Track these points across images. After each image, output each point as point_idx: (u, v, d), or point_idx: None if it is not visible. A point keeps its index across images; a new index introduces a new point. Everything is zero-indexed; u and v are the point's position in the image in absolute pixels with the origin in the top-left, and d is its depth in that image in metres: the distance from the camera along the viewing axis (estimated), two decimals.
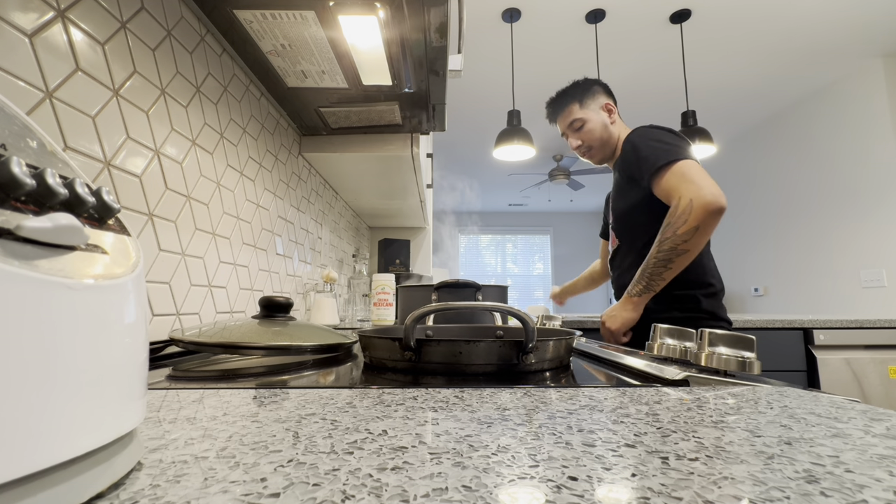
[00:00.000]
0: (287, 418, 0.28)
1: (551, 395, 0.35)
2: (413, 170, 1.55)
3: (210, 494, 0.16)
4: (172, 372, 0.48)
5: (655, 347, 0.51)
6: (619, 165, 1.20)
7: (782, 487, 0.17)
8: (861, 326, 1.61)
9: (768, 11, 2.38)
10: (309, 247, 1.48)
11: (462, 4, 0.92)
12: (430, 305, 0.48)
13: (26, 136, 0.18)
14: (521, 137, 2.42)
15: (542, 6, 2.35)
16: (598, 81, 1.29)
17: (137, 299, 0.19)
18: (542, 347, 0.48)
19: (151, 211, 0.69)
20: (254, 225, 1.04)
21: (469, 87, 3.17)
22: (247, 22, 0.82)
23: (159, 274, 0.70)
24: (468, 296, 0.90)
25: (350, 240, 2.12)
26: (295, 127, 1.33)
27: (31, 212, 0.16)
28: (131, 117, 0.65)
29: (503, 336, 0.67)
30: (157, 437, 0.24)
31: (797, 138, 3.44)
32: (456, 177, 5.28)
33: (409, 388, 0.38)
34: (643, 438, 0.24)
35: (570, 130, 1.27)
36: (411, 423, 0.27)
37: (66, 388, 0.14)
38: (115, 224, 0.21)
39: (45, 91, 0.50)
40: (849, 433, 0.25)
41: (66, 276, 0.15)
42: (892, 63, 2.80)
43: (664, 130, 1.12)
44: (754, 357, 0.42)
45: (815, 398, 0.34)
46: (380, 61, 0.95)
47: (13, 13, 0.47)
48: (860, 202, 2.94)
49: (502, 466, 0.20)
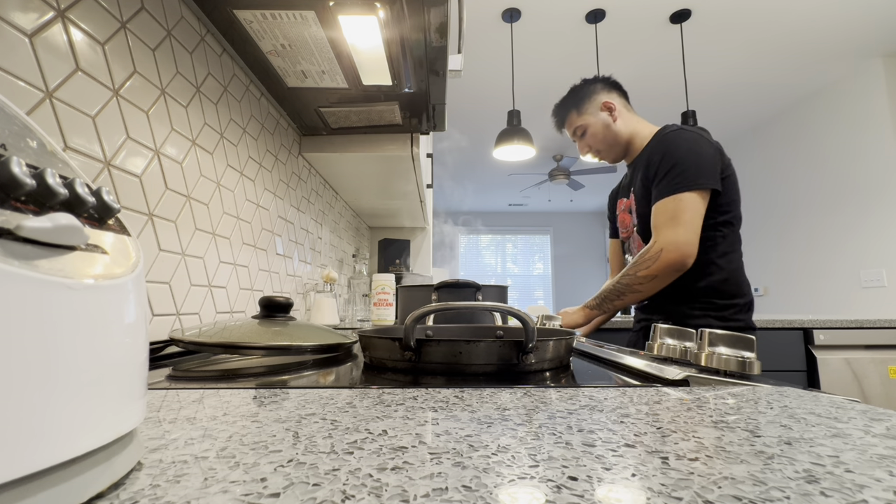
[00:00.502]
0: (287, 418, 0.28)
1: (551, 395, 0.35)
2: (413, 170, 1.55)
3: (210, 494, 0.16)
4: (172, 372, 0.48)
5: (655, 347, 0.51)
6: (641, 166, 1.15)
7: (782, 487, 0.17)
8: (861, 326, 1.61)
9: (768, 11, 2.38)
10: (309, 247, 1.48)
11: (462, 4, 0.93)
12: (430, 305, 0.48)
13: (26, 136, 0.18)
14: (521, 137, 2.43)
15: (542, 6, 2.35)
16: (598, 79, 1.26)
17: (137, 299, 0.19)
18: (542, 347, 0.48)
19: (151, 211, 0.69)
20: (254, 225, 1.04)
21: (469, 87, 3.17)
22: (247, 22, 0.82)
23: (159, 274, 0.70)
24: (468, 296, 0.90)
25: (350, 240, 2.12)
26: (295, 127, 1.33)
27: (31, 212, 0.16)
28: (131, 117, 0.65)
29: (503, 336, 0.67)
30: (157, 437, 0.24)
31: (797, 138, 3.44)
32: (456, 177, 5.28)
33: (409, 388, 0.38)
34: (643, 438, 0.24)
35: (575, 137, 1.28)
36: (411, 423, 0.27)
37: (67, 388, 0.14)
38: (115, 224, 0.21)
39: (45, 91, 0.50)
40: (849, 433, 0.25)
41: (66, 276, 0.15)
42: (892, 63, 2.80)
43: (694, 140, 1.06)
44: (754, 357, 0.42)
45: (815, 398, 0.34)
46: (380, 61, 0.95)
47: (13, 13, 0.47)
48: (860, 202, 2.94)
49: (502, 466, 0.20)
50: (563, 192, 5.91)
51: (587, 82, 1.26)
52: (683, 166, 1.03)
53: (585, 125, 1.23)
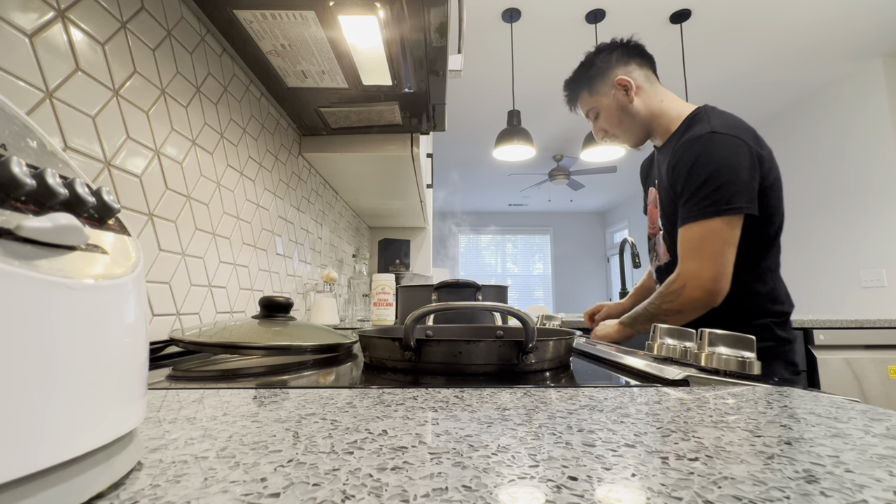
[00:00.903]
0: (287, 418, 0.28)
1: (551, 395, 0.35)
2: (413, 170, 1.55)
3: (210, 494, 0.16)
4: (172, 372, 0.48)
5: (655, 347, 0.51)
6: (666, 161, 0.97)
7: (782, 487, 0.17)
8: (861, 326, 1.61)
9: (768, 12, 2.38)
10: (309, 247, 1.48)
11: (462, 4, 0.93)
12: (430, 305, 0.48)
13: (26, 136, 0.18)
14: (521, 137, 2.43)
15: (542, 6, 2.35)
16: (613, 46, 1.05)
17: (137, 299, 0.19)
18: (542, 347, 0.48)
19: (151, 211, 0.69)
20: (254, 225, 1.04)
21: (469, 87, 3.17)
22: (247, 22, 0.82)
23: (159, 274, 0.70)
24: (468, 296, 0.90)
25: (350, 240, 2.12)
26: (295, 127, 1.32)
27: (32, 212, 0.16)
28: (131, 117, 0.65)
29: (503, 336, 0.67)
30: (157, 437, 0.24)
31: (797, 138, 3.44)
32: (455, 177, 5.28)
33: (409, 388, 0.38)
34: (643, 438, 0.24)
35: (590, 118, 1.12)
36: (411, 423, 0.27)
37: (66, 389, 0.14)
38: (115, 224, 0.21)
39: (45, 91, 0.50)
40: (849, 433, 0.25)
41: (66, 276, 0.15)
42: (892, 63, 2.80)
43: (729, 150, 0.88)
44: (754, 357, 0.42)
45: (815, 398, 0.34)
46: (380, 61, 0.95)
47: (13, 13, 0.47)
48: (860, 202, 2.94)
49: (502, 466, 0.20)
50: (563, 192, 5.91)
51: (600, 51, 1.06)
52: (714, 185, 0.86)
53: (597, 107, 1.07)
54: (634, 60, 1.04)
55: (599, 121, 1.08)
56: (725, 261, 0.88)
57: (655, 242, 1.11)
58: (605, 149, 2.74)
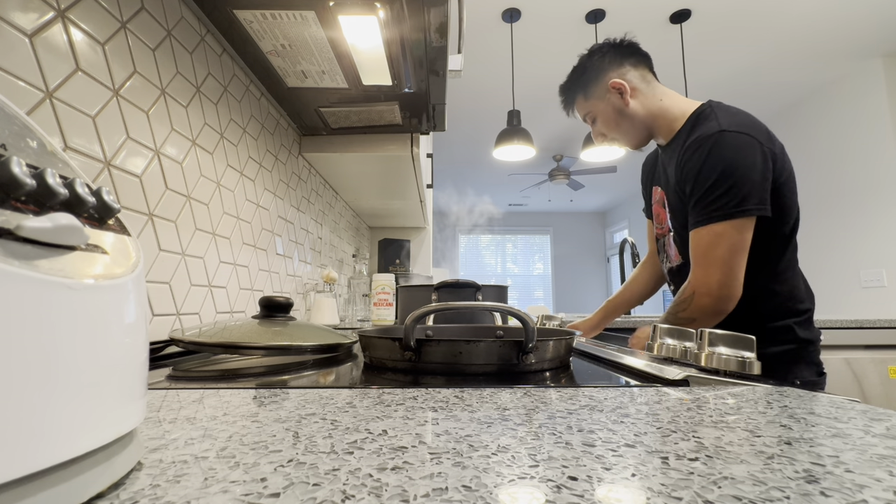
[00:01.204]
0: (287, 418, 0.28)
1: (551, 395, 0.35)
2: (413, 170, 1.55)
3: (210, 494, 0.16)
4: (172, 372, 0.48)
5: (655, 347, 0.51)
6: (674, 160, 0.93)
7: (782, 487, 0.17)
8: (861, 326, 1.61)
9: (768, 11, 2.38)
10: (309, 247, 1.48)
11: (462, 4, 0.93)
12: (430, 305, 0.48)
13: (26, 136, 0.18)
14: (521, 137, 2.43)
15: (542, 6, 2.35)
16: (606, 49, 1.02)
17: (137, 299, 0.19)
18: (542, 347, 0.48)
19: (151, 211, 0.69)
20: (254, 225, 1.04)
21: (469, 87, 3.17)
22: (247, 22, 0.82)
23: (159, 274, 0.70)
24: (468, 296, 0.90)
25: (350, 240, 2.12)
26: (295, 127, 1.32)
27: (32, 212, 0.16)
28: (131, 117, 0.65)
29: (503, 336, 0.67)
30: (157, 437, 0.24)
31: (797, 138, 3.44)
32: (455, 176, 5.28)
33: (409, 388, 0.38)
34: (643, 438, 0.24)
35: (587, 122, 1.10)
36: (411, 423, 0.27)
37: (67, 389, 0.14)
38: (115, 224, 0.21)
39: (45, 91, 0.50)
40: (849, 433, 0.25)
41: (66, 276, 0.15)
42: (892, 63, 2.80)
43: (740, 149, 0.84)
44: (754, 357, 0.42)
45: (814, 398, 0.34)
46: (380, 61, 0.95)
47: (13, 13, 0.47)
48: (860, 202, 2.94)
49: (502, 466, 0.20)
50: (563, 192, 5.91)
51: (592, 54, 1.04)
52: (724, 187, 0.83)
53: (595, 111, 1.04)
54: (628, 61, 1.01)
55: (597, 125, 1.06)
56: (734, 266, 0.85)
57: (665, 243, 1.08)
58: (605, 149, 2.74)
